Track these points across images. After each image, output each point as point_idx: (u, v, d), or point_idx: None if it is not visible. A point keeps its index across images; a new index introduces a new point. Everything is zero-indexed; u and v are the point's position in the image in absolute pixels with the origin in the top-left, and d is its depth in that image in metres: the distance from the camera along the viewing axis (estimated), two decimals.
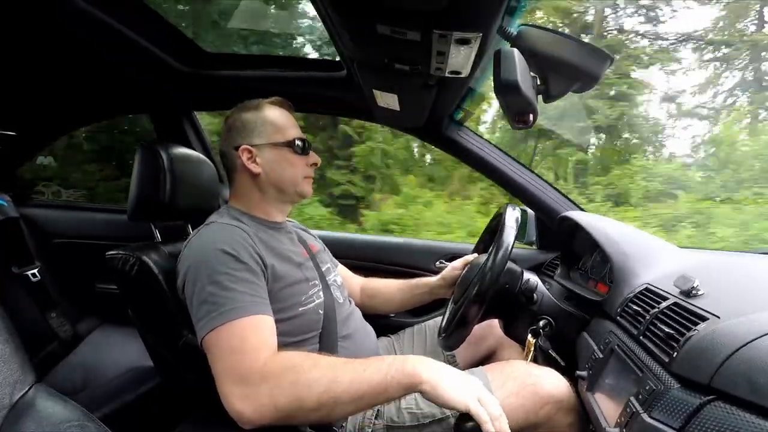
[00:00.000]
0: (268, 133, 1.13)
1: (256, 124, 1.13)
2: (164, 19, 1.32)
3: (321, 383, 0.78)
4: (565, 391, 1.00)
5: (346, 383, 0.77)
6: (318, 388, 0.78)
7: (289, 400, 0.78)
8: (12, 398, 0.48)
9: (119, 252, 1.10)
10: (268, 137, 1.12)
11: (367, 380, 0.77)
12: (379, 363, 0.80)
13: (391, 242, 1.98)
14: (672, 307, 0.80)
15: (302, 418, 0.81)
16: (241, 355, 0.83)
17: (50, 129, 2.03)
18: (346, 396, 0.77)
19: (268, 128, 1.13)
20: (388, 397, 0.79)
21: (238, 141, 1.12)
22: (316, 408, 0.78)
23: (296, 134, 1.15)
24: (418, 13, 0.79)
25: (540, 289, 1.17)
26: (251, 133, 1.12)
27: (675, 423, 0.59)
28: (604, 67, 0.81)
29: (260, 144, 1.12)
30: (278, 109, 1.17)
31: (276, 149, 1.12)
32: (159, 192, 1.15)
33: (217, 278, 0.91)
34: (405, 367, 0.77)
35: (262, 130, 1.13)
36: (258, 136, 1.12)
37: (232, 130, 1.14)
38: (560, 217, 1.44)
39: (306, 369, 0.80)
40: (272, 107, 1.17)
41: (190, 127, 1.89)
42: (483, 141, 1.67)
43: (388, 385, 0.77)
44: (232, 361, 0.83)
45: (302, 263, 1.13)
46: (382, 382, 0.77)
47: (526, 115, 0.84)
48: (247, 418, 0.80)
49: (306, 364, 0.81)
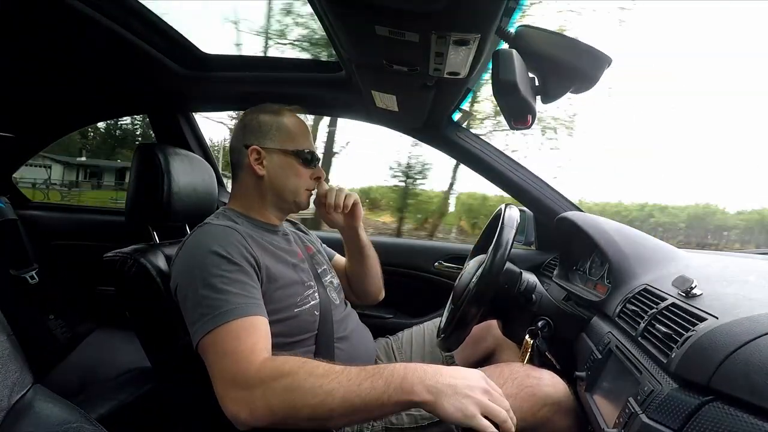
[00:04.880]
0: (280, 139, 1.14)
1: (271, 128, 1.14)
2: (162, 20, 1.32)
3: (316, 394, 0.75)
4: (563, 393, 1.00)
5: (339, 397, 0.75)
6: (312, 399, 0.75)
7: (283, 406, 0.77)
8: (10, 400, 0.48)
9: (117, 253, 1.10)
10: (279, 142, 1.13)
11: (362, 397, 0.74)
12: (376, 378, 0.76)
13: (390, 242, 1.98)
14: (670, 308, 0.80)
15: (296, 424, 0.79)
16: (236, 357, 0.83)
17: (48, 131, 2.03)
18: (339, 410, 0.75)
19: (282, 134, 1.14)
20: (384, 414, 0.79)
21: (250, 140, 1.13)
22: (310, 417, 0.76)
23: (307, 145, 1.16)
24: (417, 15, 0.80)
25: (539, 289, 1.17)
26: (265, 135, 1.13)
27: (673, 423, 0.59)
28: (603, 68, 0.81)
29: (270, 147, 1.13)
30: (296, 118, 1.19)
31: (284, 156, 1.13)
32: (157, 194, 1.15)
33: (209, 280, 0.91)
34: (403, 386, 0.74)
35: (275, 135, 1.14)
36: (270, 140, 1.13)
37: (246, 127, 1.15)
38: (559, 218, 1.44)
39: (301, 377, 0.78)
40: (291, 115, 1.18)
41: (188, 129, 1.89)
42: (482, 141, 1.67)
43: (384, 404, 0.74)
44: (227, 364, 0.83)
45: (297, 264, 1.13)
46: (378, 399, 0.74)
47: (524, 116, 0.84)
48: (242, 421, 0.79)
49: (302, 372, 0.78)
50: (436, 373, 0.75)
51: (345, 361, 0.97)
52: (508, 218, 1.07)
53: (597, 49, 0.80)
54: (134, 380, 1.52)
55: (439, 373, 0.76)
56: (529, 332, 1.13)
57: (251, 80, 1.56)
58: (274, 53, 7.25)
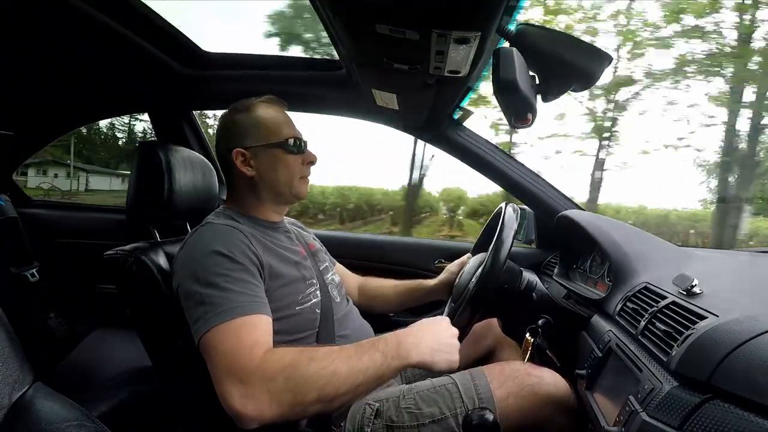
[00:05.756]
0: (260, 135, 1.11)
1: (248, 126, 1.11)
2: (163, 18, 1.32)
3: (320, 376, 0.81)
4: (564, 392, 1.00)
5: (344, 375, 0.82)
6: (317, 382, 0.81)
7: (289, 397, 0.79)
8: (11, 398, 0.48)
9: (117, 251, 1.10)
10: (260, 138, 1.11)
11: (363, 370, 0.84)
12: (373, 351, 0.87)
13: (389, 241, 1.98)
14: (671, 306, 0.80)
15: (302, 413, 0.83)
16: (238, 354, 0.83)
17: (49, 128, 2.03)
18: (344, 387, 0.82)
19: (260, 129, 1.11)
20: (383, 382, 0.88)
21: (232, 143, 1.11)
22: (316, 401, 0.81)
23: (290, 133, 1.13)
24: (417, 13, 0.80)
25: (539, 288, 1.17)
26: (244, 135, 1.11)
27: (674, 421, 0.59)
28: (603, 67, 0.81)
29: (252, 146, 1.10)
30: (270, 108, 1.15)
31: (269, 150, 1.11)
32: (158, 192, 1.15)
33: (213, 279, 0.91)
34: (400, 353, 0.88)
35: (254, 132, 1.11)
36: (250, 138, 1.11)
37: (225, 132, 1.14)
38: (559, 216, 1.45)
39: (303, 364, 0.82)
40: (264, 107, 1.15)
41: (189, 127, 1.89)
42: (482, 140, 1.67)
43: (384, 372, 0.86)
44: (229, 361, 0.83)
45: (300, 262, 1.12)
46: (379, 369, 0.85)
47: (525, 115, 0.84)
48: (248, 417, 0.80)
49: (302, 359, 0.83)
50: (420, 339, 0.92)
51: None
52: (509, 217, 1.07)
53: (597, 47, 0.80)
54: (134, 379, 1.53)
55: (422, 338, 0.92)
56: (529, 330, 1.13)
57: (252, 79, 1.56)
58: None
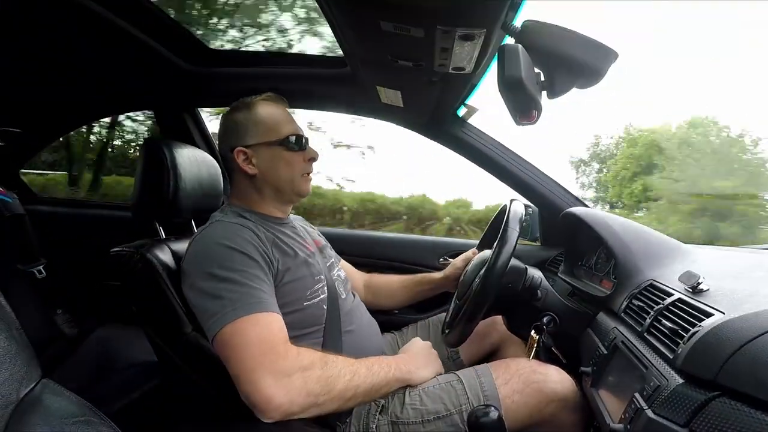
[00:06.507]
0: (260, 133, 1.11)
1: (248, 125, 1.12)
2: (168, 16, 1.32)
3: (345, 373, 0.91)
4: (570, 389, 1.00)
5: (363, 376, 0.93)
6: (343, 378, 0.90)
7: (318, 388, 0.86)
8: (19, 394, 0.49)
9: (123, 248, 1.10)
10: (260, 137, 1.11)
11: (375, 375, 0.95)
12: (381, 365, 0.98)
13: (395, 238, 1.98)
14: (677, 303, 0.80)
15: (324, 405, 0.88)
16: (270, 345, 0.86)
17: (55, 126, 2.04)
18: (363, 387, 0.92)
19: (260, 127, 1.11)
20: (388, 392, 0.99)
21: (233, 143, 1.11)
22: (339, 396, 0.89)
23: (290, 130, 1.13)
24: (422, 10, 0.79)
25: (544, 285, 1.17)
26: (244, 134, 1.11)
27: (680, 419, 0.59)
28: (609, 63, 0.81)
29: (253, 144, 1.11)
30: (270, 106, 1.15)
31: (270, 148, 1.11)
32: (163, 189, 1.15)
33: (230, 275, 0.91)
34: (402, 370, 1.01)
35: (254, 130, 1.11)
36: (251, 137, 1.11)
37: (226, 131, 1.14)
38: (564, 213, 1.44)
39: (330, 361, 0.91)
40: (264, 104, 1.15)
41: (194, 125, 1.90)
42: (486, 137, 1.67)
43: (390, 381, 0.98)
44: (264, 350, 0.85)
45: (308, 258, 1.13)
46: (385, 378, 0.97)
47: (530, 112, 0.84)
48: (277, 406, 0.82)
49: (330, 359, 0.92)
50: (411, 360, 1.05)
51: (352, 354, 1.00)
52: (513, 215, 1.07)
53: (603, 43, 0.79)
54: (141, 375, 1.54)
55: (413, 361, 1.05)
56: (534, 328, 1.13)
57: (257, 76, 1.56)
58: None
